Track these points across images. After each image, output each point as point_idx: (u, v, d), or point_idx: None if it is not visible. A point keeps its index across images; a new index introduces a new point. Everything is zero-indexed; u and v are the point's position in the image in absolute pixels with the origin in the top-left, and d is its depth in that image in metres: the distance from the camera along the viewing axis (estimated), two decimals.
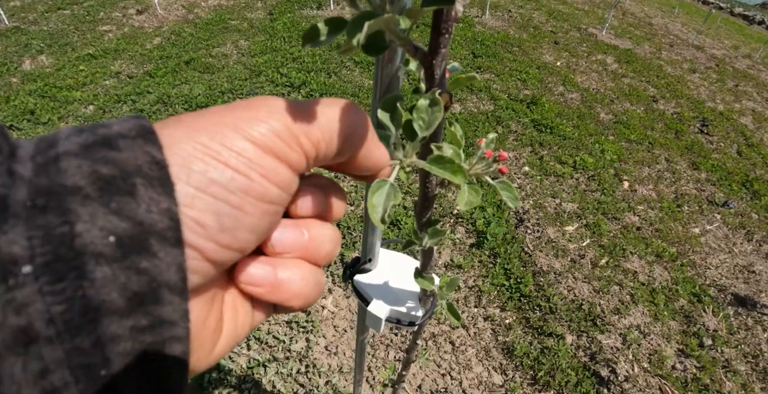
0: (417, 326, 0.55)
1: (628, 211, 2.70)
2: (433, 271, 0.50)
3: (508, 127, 3.26)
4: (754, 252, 2.69)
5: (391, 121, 0.26)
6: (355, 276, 0.56)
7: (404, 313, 0.55)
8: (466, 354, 1.78)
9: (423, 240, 0.35)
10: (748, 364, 1.97)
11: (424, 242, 0.35)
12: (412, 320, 0.55)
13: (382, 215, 0.23)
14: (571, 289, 2.10)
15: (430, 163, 0.24)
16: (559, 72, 4.38)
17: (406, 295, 0.55)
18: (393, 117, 0.26)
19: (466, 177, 0.23)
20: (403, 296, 0.55)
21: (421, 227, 0.35)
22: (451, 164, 0.23)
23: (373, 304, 0.54)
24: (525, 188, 2.68)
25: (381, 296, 0.56)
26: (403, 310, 0.54)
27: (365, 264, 0.56)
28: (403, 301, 0.55)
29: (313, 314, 1.81)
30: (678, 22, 8.14)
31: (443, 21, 0.24)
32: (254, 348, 1.68)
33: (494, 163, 0.29)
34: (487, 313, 1.94)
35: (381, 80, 0.32)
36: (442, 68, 0.24)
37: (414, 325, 0.55)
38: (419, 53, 0.24)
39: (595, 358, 1.83)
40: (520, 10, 6.15)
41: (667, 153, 3.44)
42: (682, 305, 2.18)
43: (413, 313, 0.54)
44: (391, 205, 0.23)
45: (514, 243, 2.26)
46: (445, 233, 0.34)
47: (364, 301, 0.57)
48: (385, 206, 0.23)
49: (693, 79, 5.13)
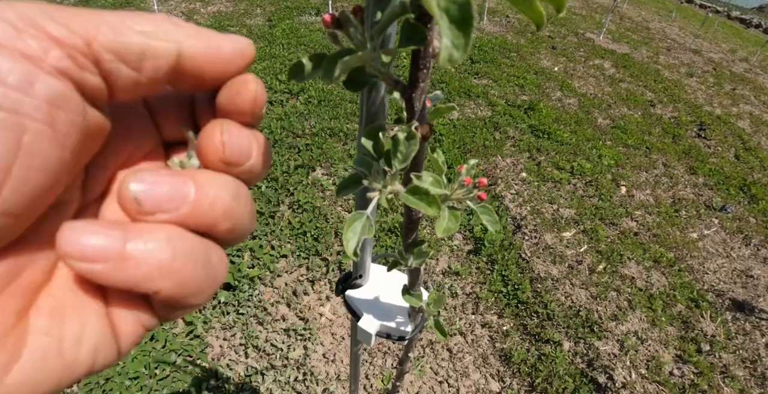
0: (407, 340, 0.56)
1: (626, 216, 2.71)
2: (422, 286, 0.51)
3: (506, 133, 3.27)
4: (752, 256, 2.69)
5: (374, 149, 0.27)
6: (347, 291, 0.56)
7: (394, 328, 0.55)
8: (463, 361, 1.78)
9: (408, 260, 0.36)
10: (746, 369, 1.97)
11: (410, 262, 0.36)
12: (402, 335, 0.55)
13: (355, 248, 0.24)
14: (568, 295, 2.10)
15: (407, 194, 0.25)
16: (556, 77, 4.40)
17: (397, 310, 0.56)
18: (376, 146, 0.27)
19: (439, 209, 0.23)
20: (393, 311, 0.56)
21: (406, 247, 0.36)
22: (426, 196, 0.24)
23: (364, 319, 0.55)
24: (522, 195, 2.69)
25: (372, 311, 0.56)
26: (393, 325, 0.55)
27: (356, 279, 0.56)
28: (393, 316, 0.56)
29: (311, 322, 1.81)
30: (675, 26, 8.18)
31: (421, 57, 0.25)
32: (252, 356, 1.68)
33: (474, 188, 0.30)
34: (485, 320, 1.94)
35: (366, 108, 0.32)
36: (422, 101, 0.25)
37: (404, 339, 0.56)
38: (399, 86, 0.25)
39: (593, 364, 1.83)
40: (517, 15, 6.19)
41: (664, 158, 3.45)
42: (680, 310, 2.18)
43: (403, 328, 0.55)
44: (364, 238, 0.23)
45: (512, 249, 2.26)
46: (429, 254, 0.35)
47: (356, 315, 0.58)
48: (359, 238, 0.24)
49: (690, 84, 5.15)
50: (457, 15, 0.14)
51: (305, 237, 2.12)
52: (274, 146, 2.65)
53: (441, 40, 0.15)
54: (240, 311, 1.80)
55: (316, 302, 1.89)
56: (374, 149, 0.27)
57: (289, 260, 2.04)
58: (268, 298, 1.88)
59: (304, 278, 1.97)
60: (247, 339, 1.72)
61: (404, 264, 0.36)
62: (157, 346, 1.64)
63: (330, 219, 2.23)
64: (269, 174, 2.41)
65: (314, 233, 2.13)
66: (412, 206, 0.24)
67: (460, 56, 0.15)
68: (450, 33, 0.14)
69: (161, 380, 1.55)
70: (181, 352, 1.64)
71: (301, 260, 2.04)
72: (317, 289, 1.94)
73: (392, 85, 0.24)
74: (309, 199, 2.31)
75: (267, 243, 2.08)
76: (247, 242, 2.04)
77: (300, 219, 2.20)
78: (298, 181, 2.43)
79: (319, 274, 1.98)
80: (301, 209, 2.26)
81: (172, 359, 1.60)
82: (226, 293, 1.84)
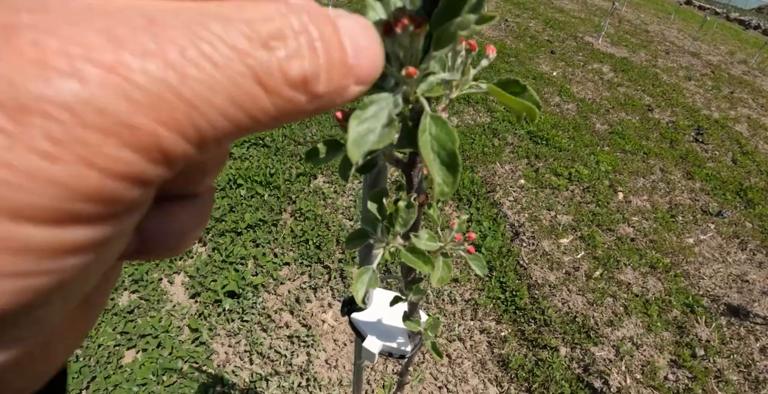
0: (407, 358, 0.61)
1: (623, 222, 2.75)
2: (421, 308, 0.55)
3: (505, 139, 3.32)
4: (748, 261, 2.73)
5: (378, 212, 0.31)
6: (352, 314, 0.61)
7: (395, 347, 0.60)
8: (462, 367, 1.82)
9: (408, 296, 0.40)
10: (740, 374, 2.01)
11: (409, 298, 0.40)
12: (402, 354, 0.60)
13: (363, 297, 0.28)
14: (565, 301, 2.15)
15: (406, 252, 0.30)
16: (555, 82, 4.44)
17: (398, 331, 0.60)
18: (380, 209, 0.31)
19: (434, 267, 0.28)
20: (394, 332, 0.60)
21: (406, 285, 0.40)
22: (422, 255, 0.28)
23: (368, 340, 0.59)
24: (521, 201, 2.73)
25: (375, 331, 0.61)
26: (395, 345, 0.60)
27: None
28: (394, 336, 0.60)
29: (314, 329, 1.86)
30: (674, 28, 8.22)
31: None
32: (256, 362, 1.72)
33: (465, 241, 0.34)
34: (483, 326, 1.99)
35: (369, 174, 0.37)
36: (419, 177, 0.29)
37: (404, 358, 0.60)
38: (400, 164, 0.29)
39: (589, 370, 1.88)
40: (516, 19, 6.23)
41: (661, 163, 3.49)
42: (675, 315, 2.22)
43: (403, 347, 0.59)
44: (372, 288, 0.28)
45: (510, 256, 2.31)
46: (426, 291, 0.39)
47: (360, 336, 0.62)
48: (366, 289, 0.28)
49: (689, 87, 5.19)
50: (447, 160, 0.19)
51: (307, 245, 2.16)
52: (276, 154, 2.69)
53: (433, 178, 0.19)
54: (244, 319, 1.85)
55: (318, 308, 1.94)
56: (379, 211, 0.31)
57: (292, 267, 2.08)
58: (271, 305, 1.92)
59: (306, 285, 2.01)
60: (251, 346, 1.76)
61: (405, 299, 0.40)
62: (164, 353, 1.68)
63: (331, 227, 2.27)
64: (271, 182, 2.45)
65: (316, 241, 2.18)
66: (410, 265, 0.28)
67: (449, 191, 0.19)
68: (441, 174, 0.18)
69: (168, 386, 1.59)
70: (188, 359, 1.69)
71: (304, 268, 2.08)
72: (319, 296, 1.98)
73: (394, 164, 0.29)
74: (311, 207, 2.35)
75: (270, 251, 2.12)
76: (251, 249, 2.08)
77: (302, 227, 2.25)
78: (300, 189, 2.47)
79: (321, 281, 2.03)
80: (303, 216, 2.31)
81: (179, 366, 1.65)
82: (231, 301, 1.88)
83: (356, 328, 0.62)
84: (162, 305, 1.83)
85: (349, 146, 0.18)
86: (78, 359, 1.61)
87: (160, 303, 1.83)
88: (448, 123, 0.20)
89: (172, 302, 1.86)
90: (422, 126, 0.20)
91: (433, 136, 0.20)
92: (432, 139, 0.20)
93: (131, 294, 1.85)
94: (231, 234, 2.14)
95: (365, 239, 0.32)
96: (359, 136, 0.18)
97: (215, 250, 2.07)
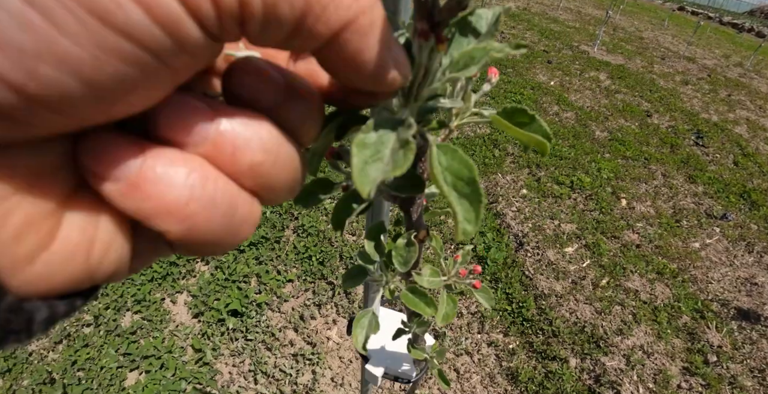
0: (412, 383, 0.59)
1: (627, 229, 2.74)
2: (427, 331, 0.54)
3: (505, 149, 3.32)
4: (756, 264, 2.71)
5: (375, 249, 0.31)
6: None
7: (401, 372, 0.59)
8: (470, 381, 1.79)
9: (411, 328, 0.40)
10: (754, 379, 1.98)
11: (413, 330, 0.39)
12: (408, 378, 0.59)
13: (364, 343, 0.27)
14: (572, 311, 2.12)
15: (407, 292, 0.29)
16: (553, 91, 4.46)
17: (403, 355, 0.59)
18: (377, 246, 0.31)
19: (436, 310, 0.27)
20: (400, 357, 0.59)
21: (409, 317, 0.39)
22: (423, 297, 0.28)
23: (371, 363, 0.58)
24: (524, 211, 2.72)
25: (380, 354, 0.60)
26: (400, 369, 0.59)
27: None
28: (400, 361, 0.59)
29: (319, 346, 1.84)
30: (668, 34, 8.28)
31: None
32: (261, 382, 1.70)
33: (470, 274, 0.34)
34: (491, 338, 1.96)
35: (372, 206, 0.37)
36: (419, 213, 0.29)
37: (410, 382, 0.59)
38: (398, 201, 0.29)
39: (600, 380, 1.85)
40: (512, 30, 6.29)
41: (663, 168, 3.48)
42: (685, 322, 2.19)
43: (409, 372, 0.58)
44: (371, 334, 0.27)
45: (515, 267, 2.29)
46: (430, 325, 0.39)
47: (365, 358, 0.61)
48: (367, 334, 0.27)
49: (686, 91, 5.21)
50: (466, 191, 0.16)
51: (310, 261, 2.15)
52: None
53: (455, 214, 0.16)
54: (248, 337, 1.83)
55: (323, 326, 1.92)
56: (376, 249, 0.31)
57: (295, 284, 2.07)
58: (275, 323, 1.91)
59: (310, 302, 2.00)
60: (256, 365, 1.74)
61: (408, 331, 0.40)
62: (167, 374, 1.67)
63: (335, 243, 2.27)
64: None
65: (319, 257, 2.17)
66: (411, 308, 0.28)
67: (472, 229, 0.16)
68: (461, 208, 0.16)
69: None
70: (191, 380, 1.67)
71: (307, 285, 2.07)
72: (324, 313, 1.97)
73: (393, 202, 0.28)
74: (313, 223, 2.35)
75: (273, 268, 2.11)
76: (253, 267, 2.07)
77: (305, 243, 2.24)
78: None
79: (326, 298, 2.01)
80: (306, 233, 2.30)
81: (182, 388, 1.63)
82: (234, 320, 1.87)
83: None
84: (165, 325, 1.81)
85: (355, 177, 0.15)
86: (80, 382, 1.59)
87: (163, 323, 1.82)
88: (459, 150, 0.18)
89: (175, 322, 1.84)
90: (431, 160, 0.18)
91: (445, 167, 0.18)
92: (444, 171, 0.18)
93: (134, 315, 1.84)
94: (233, 252, 2.13)
95: (363, 276, 0.32)
96: (363, 164, 0.15)
97: (218, 268, 2.06)
